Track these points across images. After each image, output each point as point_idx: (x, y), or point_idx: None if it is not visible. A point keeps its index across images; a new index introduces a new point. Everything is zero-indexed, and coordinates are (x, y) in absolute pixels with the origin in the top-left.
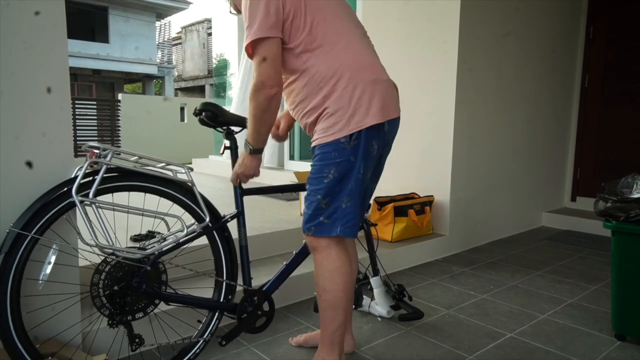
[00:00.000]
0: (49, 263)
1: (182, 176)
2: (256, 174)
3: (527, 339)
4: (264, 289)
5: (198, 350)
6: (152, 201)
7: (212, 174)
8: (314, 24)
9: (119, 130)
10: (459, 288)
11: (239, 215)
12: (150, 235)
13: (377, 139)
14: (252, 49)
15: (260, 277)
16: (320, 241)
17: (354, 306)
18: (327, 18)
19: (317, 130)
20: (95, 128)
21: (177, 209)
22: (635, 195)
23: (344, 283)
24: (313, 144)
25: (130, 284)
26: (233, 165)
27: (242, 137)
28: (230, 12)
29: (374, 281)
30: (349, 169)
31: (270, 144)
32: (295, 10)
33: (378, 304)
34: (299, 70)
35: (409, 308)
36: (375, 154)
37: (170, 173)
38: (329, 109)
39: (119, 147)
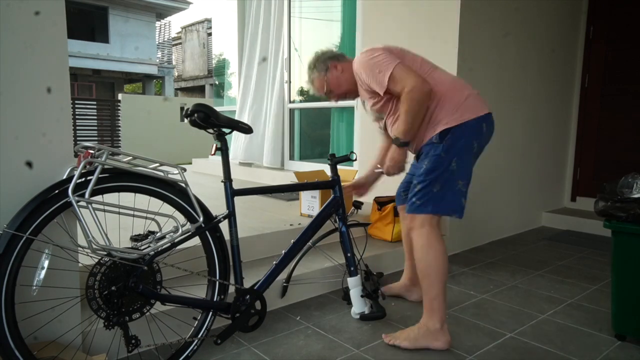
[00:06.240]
0: (42, 268)
1: (175, 177)
2: (403, 165)
3: (527, 339)
4: (255, 288)
5: (195, 347)
6: (153, 202)
7: (211, 174)
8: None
9: (119, 130)
10: (459, 288)
11: (230, 215)
12: (151, 235)
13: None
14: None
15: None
16: (416, 220)
17: (346, 302)
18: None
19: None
20: (95, 128)
21: (169, 209)
22: (635, 195)
23: (434, 258)
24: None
25: (127, 285)
26: (225, 165)
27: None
28: (315, 89)
29: (351, 281)
30: None
31: (270, 143)
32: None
33: (352, 305)
34: None
35: (374, 307)
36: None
37: (163, 174)
38: None
39: (119, 147)
